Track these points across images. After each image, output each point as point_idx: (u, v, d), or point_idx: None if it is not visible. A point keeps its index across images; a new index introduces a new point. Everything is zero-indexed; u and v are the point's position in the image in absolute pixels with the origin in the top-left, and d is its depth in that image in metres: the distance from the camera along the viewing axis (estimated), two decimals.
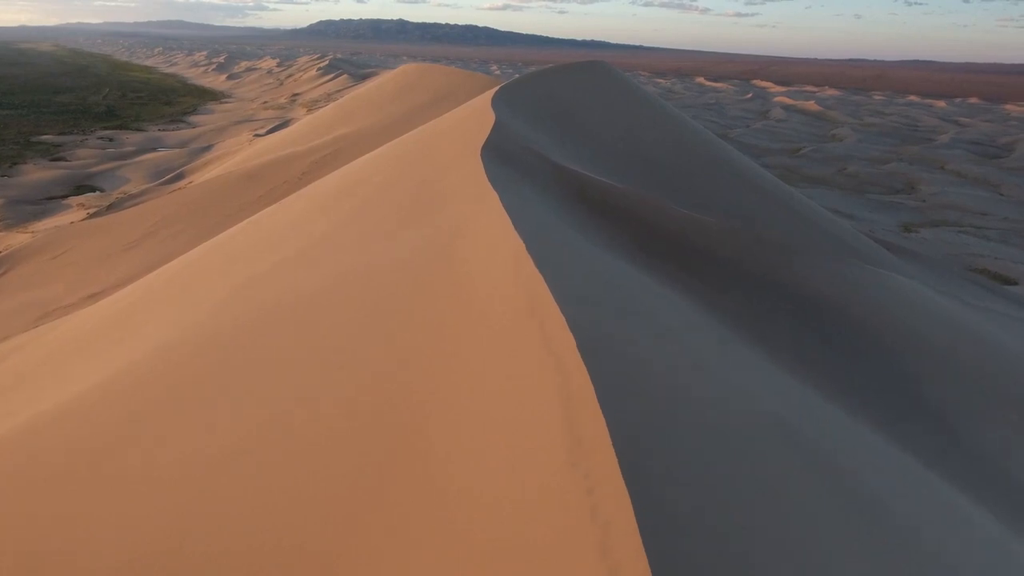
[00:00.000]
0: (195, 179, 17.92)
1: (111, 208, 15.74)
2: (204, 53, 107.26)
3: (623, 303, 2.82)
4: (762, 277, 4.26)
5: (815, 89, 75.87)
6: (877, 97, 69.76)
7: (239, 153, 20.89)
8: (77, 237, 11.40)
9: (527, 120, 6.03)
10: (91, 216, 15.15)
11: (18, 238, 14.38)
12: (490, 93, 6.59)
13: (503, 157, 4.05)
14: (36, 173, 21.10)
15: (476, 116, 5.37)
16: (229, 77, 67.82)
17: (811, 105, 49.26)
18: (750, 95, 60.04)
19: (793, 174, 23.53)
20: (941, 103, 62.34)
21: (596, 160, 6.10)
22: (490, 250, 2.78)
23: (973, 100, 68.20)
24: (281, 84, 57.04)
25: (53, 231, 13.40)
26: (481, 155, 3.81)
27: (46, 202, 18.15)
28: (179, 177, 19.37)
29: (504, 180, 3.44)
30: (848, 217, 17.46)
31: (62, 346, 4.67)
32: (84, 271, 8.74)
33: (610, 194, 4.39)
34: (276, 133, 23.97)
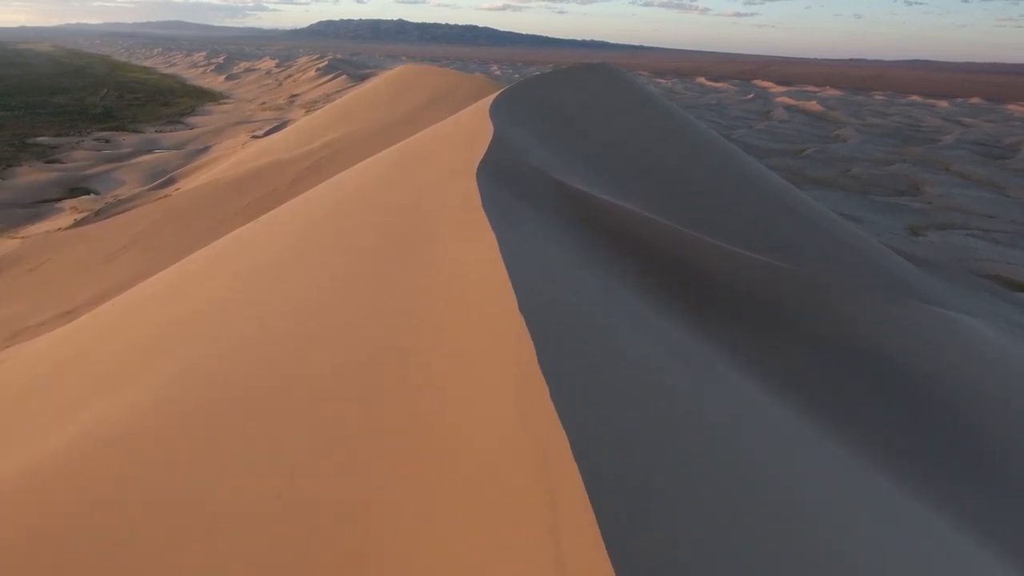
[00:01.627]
0: (187, 183, 17.59)
1: (98, 214, 15.40)
2: (203, 54, 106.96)
3: (622, 374, 2.56)
4: (782, 308, 3.94)
5: (816, 89, 75.52)
6: (878, 97, 69.40)
7: (233, 156, 20.59)
8: (57, 247, 11.08)
9: (529, 130, 5.70)
10: (76, 223, 14.80)
11: (8, 244, 14.05)
12: (489, 99, 6.25)
13: (501, 177, 3.73)
14: (30, 175, 20.80)
15: (473, 127, 5.04)
16: (228, 78, 67.55)
17: (813, 105, 48.91)
18: (752, 95, 59.68)
19: (797, 176, 23.21)
20: (943, 103, 61.95)
21: (604, 172, 5.78)
22: (482, 313, 2.55)
23: (975, 100, 67.78)
24: (280, 85, 56.74)
25: (33, 240, 13.07)
26: (476, 177, 3.50)
27: (39, 205, 17.84)
28: (170, 182, 19.05)
29: (501, 209, 3.12)
30: (853, 219, 17.14)
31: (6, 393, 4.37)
32: (61, 285, 8.42)
33: (619, 217, 4.06)
34: (272, 135, 23.67)
